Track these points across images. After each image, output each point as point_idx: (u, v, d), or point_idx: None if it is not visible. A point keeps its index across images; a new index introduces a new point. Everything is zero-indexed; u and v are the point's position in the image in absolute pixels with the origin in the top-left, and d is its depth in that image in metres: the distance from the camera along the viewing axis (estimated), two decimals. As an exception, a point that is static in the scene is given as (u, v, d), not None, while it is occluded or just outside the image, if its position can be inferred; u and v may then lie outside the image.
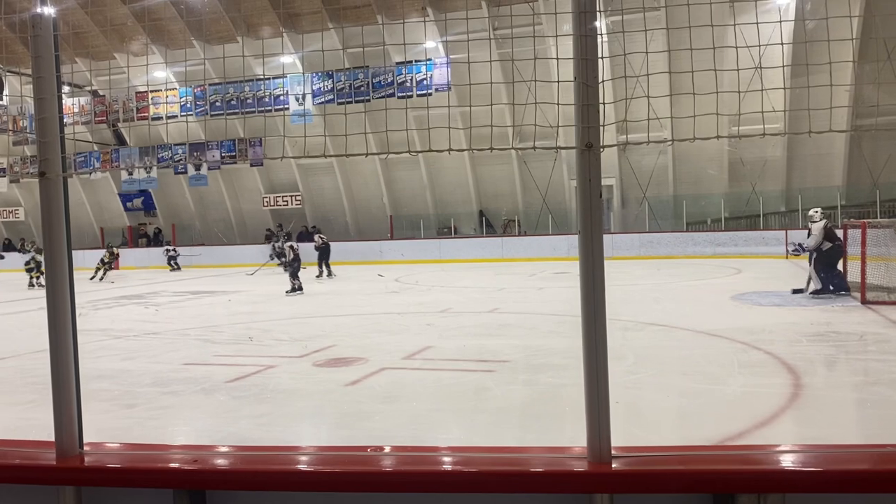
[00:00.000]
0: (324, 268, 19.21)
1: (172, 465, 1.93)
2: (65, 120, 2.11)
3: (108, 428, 5.27)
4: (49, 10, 1.98)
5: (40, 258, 18.93)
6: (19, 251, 29.25)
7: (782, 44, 16.72)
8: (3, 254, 24.87)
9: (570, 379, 6.01)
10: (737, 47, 2.27)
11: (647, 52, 2.38)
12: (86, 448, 2.03)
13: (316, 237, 19.69)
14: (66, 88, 23.96)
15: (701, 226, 24.08)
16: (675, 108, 12.34)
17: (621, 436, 1.82)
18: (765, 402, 5.39)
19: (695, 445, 1.86)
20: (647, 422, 5.10)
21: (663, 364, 7.03)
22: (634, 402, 5.42)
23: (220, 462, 1.99)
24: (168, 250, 26.00)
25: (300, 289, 14.69)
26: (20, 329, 11.21)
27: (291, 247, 15.25)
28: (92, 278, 20.62)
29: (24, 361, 8.25)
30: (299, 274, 14.92)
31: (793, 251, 12.40)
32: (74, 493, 1.95)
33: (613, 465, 1.71)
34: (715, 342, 7.99)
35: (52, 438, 2.04)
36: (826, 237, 11.37)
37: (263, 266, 19.95)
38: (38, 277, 18.76)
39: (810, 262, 11.62)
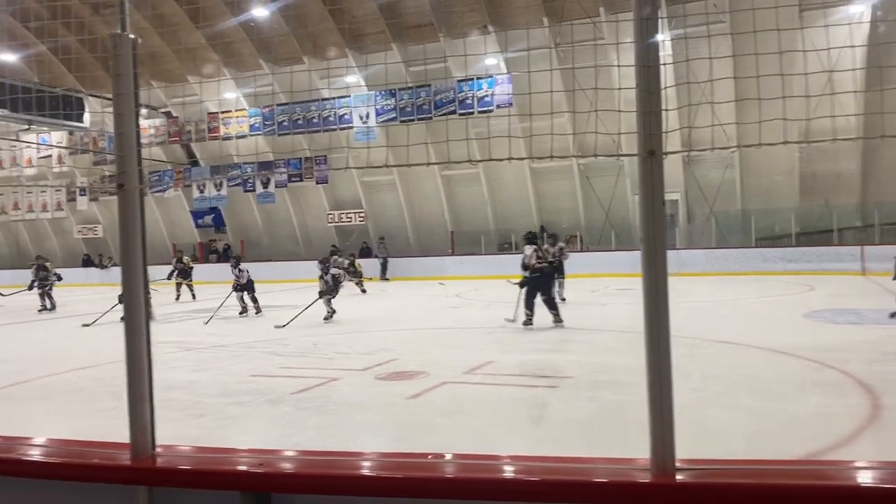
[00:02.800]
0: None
1: (239, 467, 1.98)
2: (141, 140, 2.21)
3: (177, 437, 5.42)
4: (129, 31, 2.09)
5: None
6: (97, 266, 30.61)
7: (853, 46, 16.09)
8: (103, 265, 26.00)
9: (635, 396, 5.89)
10: (804, 51, 2.22)
11: (710, 58, 2.35)
12: (158, 450, 2.11)
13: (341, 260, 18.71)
14: (143, 111, 25.03)
15: (771, 241, 23.30)
16: (740, 116, 12.05)
17: (686, 453, 1.78)
18: (841, 422, 5.17)
19: (764, 459, 1.79)
20: (714, 439, 4.95)
21: (731, 382, 6.83)
22: (700, 420, 5.28)
23: (286, 466, 2.04)
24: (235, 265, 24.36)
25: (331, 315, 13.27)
26: (101, 340, 11.68)
27: (335, 276, 13.63)
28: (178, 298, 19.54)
29: (102, 371, 8.60)
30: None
31: None
32: (147, 493, 2.03)
33: (678, 478, 1.67)
34: (786, 360, 7.71)
35: (126, 442, 2.12)
36: None
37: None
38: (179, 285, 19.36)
39: None
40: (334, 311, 13.20)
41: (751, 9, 2.16)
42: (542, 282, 11.30)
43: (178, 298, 19.41)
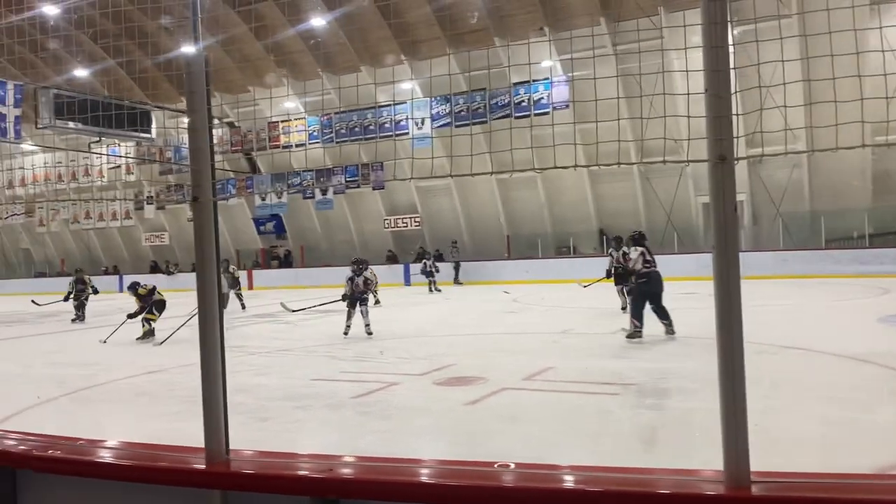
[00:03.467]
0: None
1: (308, 473, 2.03)
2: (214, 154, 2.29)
3: (243, 440, 5.56)
4: (201, 49, 2.17)
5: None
6: (164, 272, 31.64)
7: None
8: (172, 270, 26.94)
9: (701, 403, 5.76)
10: (883, 51, 2.14)
11: (782, 61, 2.29)
12: (231, 455, 2.17)
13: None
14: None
15: (842, 243, 22.43)
16: (811, 118, 11.65)
17: (757, 464, 1.73)
18: (921, 433, 4.94)
19: (844, 473, 1.73)
20: (787, 450, 4.79)
21: (803, 390, 6.60)
22: (772, 430, 5.11)
23: (354, 471, 2.07)
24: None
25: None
26: (165, 345, 12.05)
27: (366, 280, 12.22)
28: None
29: (171, 375, 8.89)
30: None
31: None
32: (221, 497, 2.09)
33: (753, 490, 1.63)
34: (861, 367, 7.41)
35: (198, 446, 2.19)
36: None
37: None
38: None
39: None
40: (349, 328, 11.83)
41: (823, 9, 2.11)
42: (650, 288, 10.04)
43: (224, 307, 19.23)
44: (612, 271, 14.01)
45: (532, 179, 26.30)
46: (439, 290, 22.63)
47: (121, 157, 30.79)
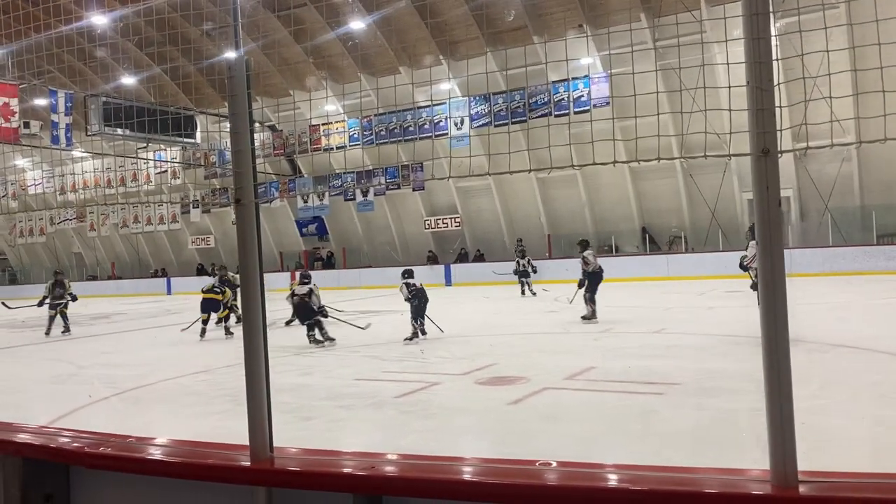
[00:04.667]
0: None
1: (352, 470, 2.05)
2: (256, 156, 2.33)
3: (287, 439, 5.64)
4: (242, 53, 2.21)
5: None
6: (210, 274, 32.26)
7: None
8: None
9: (747, 403, 5.64)
10: (934, 37, 2.07)
11: (826, 51, 2.23)
12: (275, 452, 2.21)
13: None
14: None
15: (894, 238, 21.73)
16: (860, 110, 11.31)
17: (806, 464, 1.69)
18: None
19: (894, 473, 1.68)
20: (836, 450, 4.67)
21: (854, 389, 6.43)
22: (822, 430, 4.99)
23: (396, 469, 2.09)
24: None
25: (416, 334, 11.20)
26: (210, 345, 12.30)
27: (406, 284, 11.46)
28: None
29: (217, 375, 9.07)
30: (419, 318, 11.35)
31: None
32: (266, 494, 2.13)
33: (801, 490, 1.59)
34: (916, 366, 7.18)
35: (244, 444, 2.23)
36: None
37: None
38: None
39: None
40: (419, 333, 11.24)
41: (870, -5, 2.05)
42: None
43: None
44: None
45: (572, 178, 26.09)
46: (534, 294, 19.59)
47: (167, 161, 31.51)
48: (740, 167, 22.93)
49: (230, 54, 2.31)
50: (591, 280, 12.83)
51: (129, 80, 27.49)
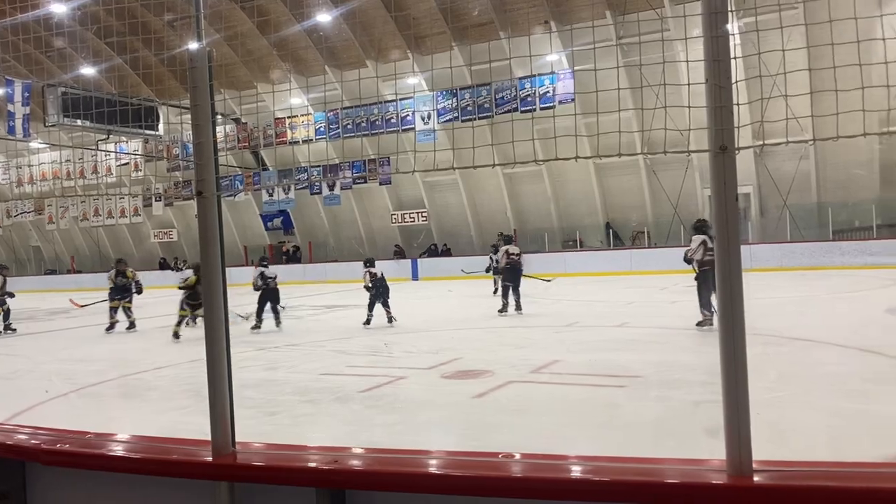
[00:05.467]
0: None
1: (315, 464, 2.04)
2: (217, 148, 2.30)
3: (252, 434, 5.59)
4: (204, 44, 2.18)
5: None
6: (173, 269, 31.76)
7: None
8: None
9: (707, 395, 5.75)
10: (885, 39, 2.13)
11: (783, 51, 2.28)
12: (237, 447, 2.19)
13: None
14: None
15: (849, 234, 22.32)
16: (816, 108, 11.57)
17: (763, 454, 1.74)
18: (929, 424, 4.93)
19: (846, 462, 1.73)
20: (793, 441, 4.79)
21: (810, 381, 6.59)
22: (778, 421, 5.11)
23: (359, 463, 2.08)
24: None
25: (369, 321, 12.22)
26: (174, 341, 12.10)
27: (368, 273, 12.56)
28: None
29: (179, 370, 8.94)
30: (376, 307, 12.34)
31: None
32: (228, 488, 2.11)
33: (755, 479, 1.63)
34: (868, 358, 7.39)
35: (207, 439, 2.21)
36: None
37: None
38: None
39: None
40: (388, 319, 12.21)
41: (825, -4, 2.09)
42: (714, 276, 9.98)
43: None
44: (494, 268, 16.33)
45: (538, 174, 26.26)
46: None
47: (129, 153, 30.90)
48: (702, 164, 23.31)
49: (192, 45, 2.27)
50: (506, 274, 13.51)
51: (88, 70, 26.89)
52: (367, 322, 12.21)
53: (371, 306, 12.34)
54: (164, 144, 29.49)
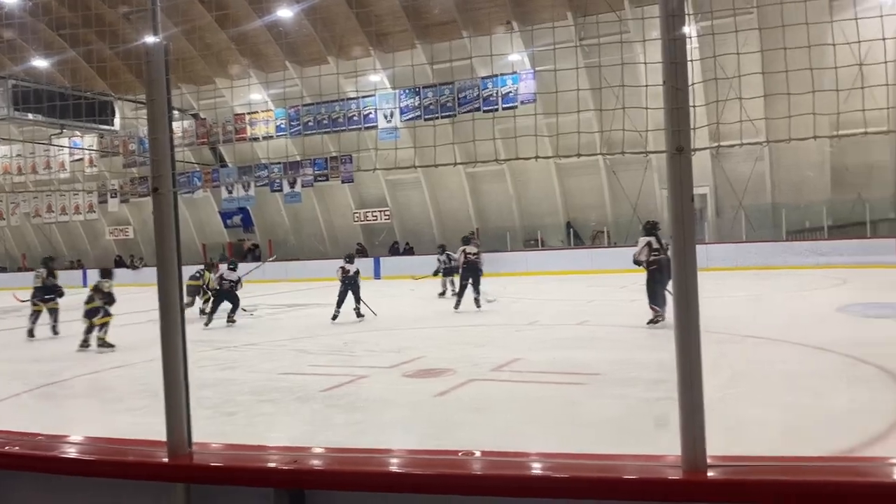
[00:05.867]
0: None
1: (273, 464, 2.02)
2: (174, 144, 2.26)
3: (210, 434, 5.52)
4: (160, 38, 2.13)
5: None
6: (129, 267, 31.12)
7: (884, 39, 15.67)
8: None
9: (665, 392, 5.85)
10: (835, 44, 2.19)
11: (738, 54, 2.33)
12: (194, 448, 2.15)
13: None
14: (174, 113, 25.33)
15: (802, 235, 22.92)
16: (770, 111, 11.85)
17: (718, 451, 1.77)
18: (877, 418, 5.09)
19: (797, 456, 1.78)
20: (746, 437, 4.90)
21: (763, 378, 6.75)
22: (732, 417, 5.22)
23: (319, 463, 2.07)
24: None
25: (336, 316, 12.66)
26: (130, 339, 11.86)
27: (343, 268, 13.20)
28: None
29: (134, 370, 8.76)
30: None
31: None
32: (184, 490, 2.07)
33: (709, 474, 1.67)
34: (819, 355, 7.60)
35: (163, 440, 2.16)
36: None
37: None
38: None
39: None
40: (362, 311, 12.96)
41: (779, 2, 2.14)
42: (659, 275, 10.19)
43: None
44: (445, 270, 17.23)
45: (500, 173, 26.38)
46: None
47: (83, 148, 30.13)
48: (660, 164, 23.69)
49: (148, 38, 2.22)
50: (465, 273, 13.97)
51: (41, 63, 26.13)
52: (334, 318, 12.59)
53: (339, 303, 12.72)
54: (119, 140, 28.84)
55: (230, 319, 13.00)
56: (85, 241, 35.97)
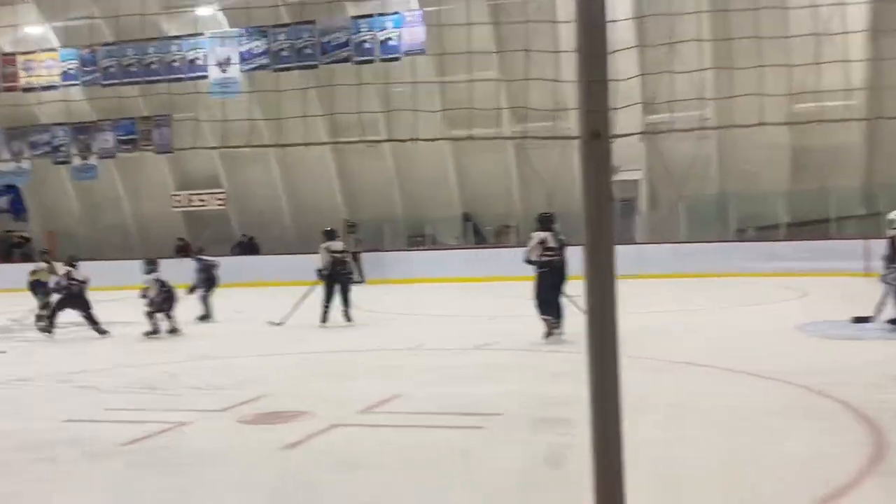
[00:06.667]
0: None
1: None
2: None
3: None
4: None
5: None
6: None
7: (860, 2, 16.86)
8: None
9: (581, 437, 6.04)
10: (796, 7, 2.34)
11: (682, 13, 2.44)
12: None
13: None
14: None
15: (755, 233, 24.10)
16: (719, 84, 12.40)
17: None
18: (842, 465, 5.46)
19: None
20: (683, 491, 5.15)
21: (704, 415, 7.11)
22: (664, 468, 5.48)
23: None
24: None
25: (157, 330, 13.81)
26: None
27: (158, 279, 14.02)
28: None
29: None
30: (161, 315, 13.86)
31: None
32: None
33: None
34: (772, 387, 8.07)
35: None
36: None
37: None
38: None
39: (885, 280, 11.73)
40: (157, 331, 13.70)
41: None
42: (552, 278, 11.02)
43: None
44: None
45: (378, 149, 26.36)
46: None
47: None
48: (583, 141, 24.43)
49: None
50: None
51: None
52: (152, 333, 13.49)
53: (151, 315, 13.50)
54: None
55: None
56: None
